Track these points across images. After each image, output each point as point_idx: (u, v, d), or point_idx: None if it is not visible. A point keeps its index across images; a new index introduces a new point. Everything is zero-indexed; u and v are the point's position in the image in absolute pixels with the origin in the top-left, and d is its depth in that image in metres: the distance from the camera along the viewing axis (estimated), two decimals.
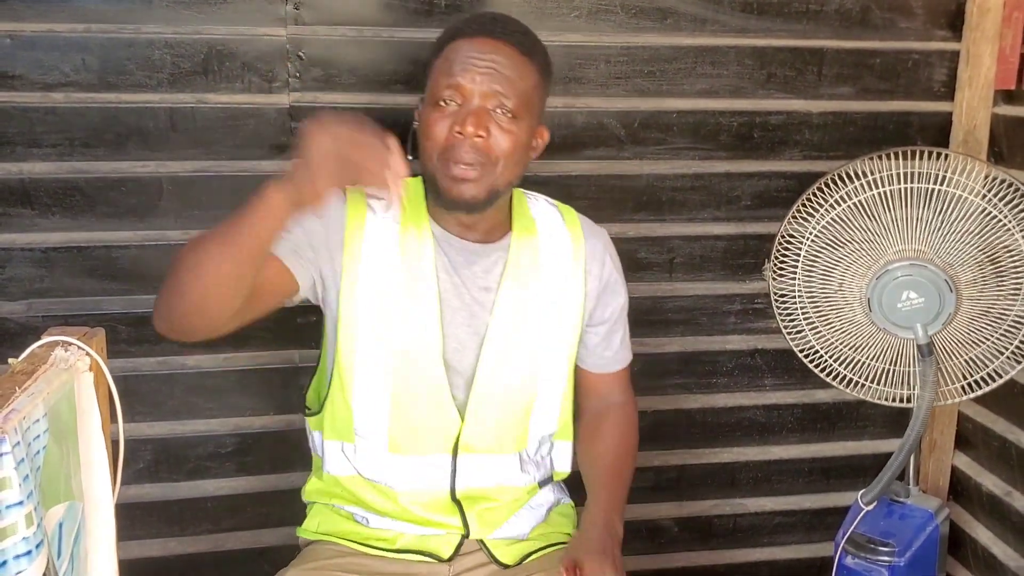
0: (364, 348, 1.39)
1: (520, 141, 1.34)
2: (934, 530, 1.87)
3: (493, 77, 1.31)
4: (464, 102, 1.31)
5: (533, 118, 1.37)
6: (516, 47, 1.34)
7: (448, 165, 1.31)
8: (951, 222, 1.71)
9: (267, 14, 1.73)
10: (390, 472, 1.43)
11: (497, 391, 1.43)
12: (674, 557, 2.13)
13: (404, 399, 1.40)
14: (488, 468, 1.45)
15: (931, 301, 1.72)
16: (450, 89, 1.31)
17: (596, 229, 1.54)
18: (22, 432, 0.76)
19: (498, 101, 1.31)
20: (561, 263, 1.47)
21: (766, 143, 1.96)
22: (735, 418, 2.09)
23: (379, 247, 1.38)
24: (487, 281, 1.42)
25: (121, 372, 1.76)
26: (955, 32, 1.96)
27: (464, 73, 1.31)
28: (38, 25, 1.66)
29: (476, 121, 1.30)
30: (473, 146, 1.30)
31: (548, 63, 1.42)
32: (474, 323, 1.42)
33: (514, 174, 1.37)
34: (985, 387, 1.77)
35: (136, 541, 1.86)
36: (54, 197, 1.73)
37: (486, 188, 1.33)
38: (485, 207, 1.36)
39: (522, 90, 1.33)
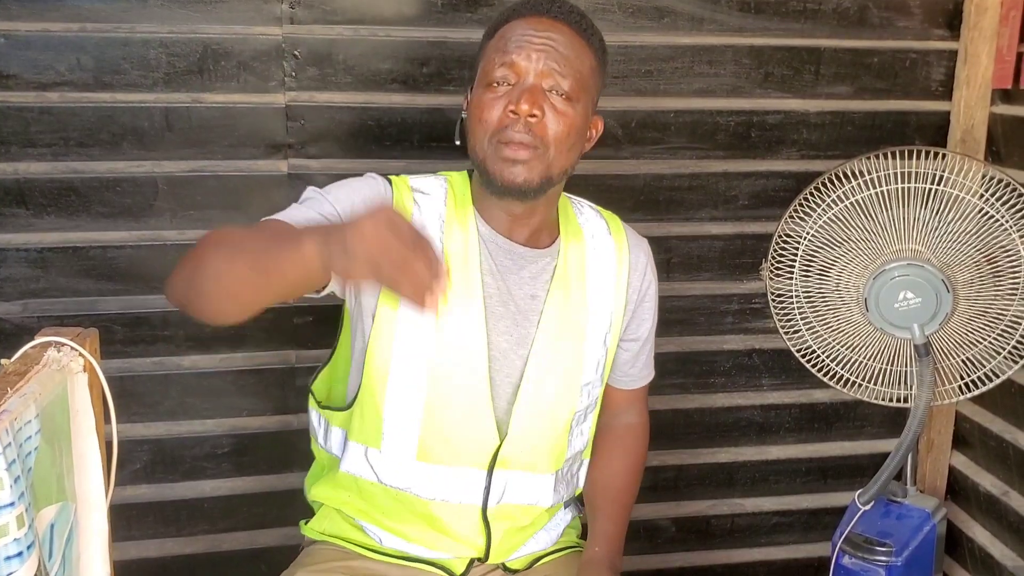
0: (400, 351, 1.31)
1: (575, 125, 1.26)
2: (931, 530, 1.86)
3: (549, 54, 1.24)
4: (518, 81, 1.24)
5: (589, 103, 1.30)
6: (573, 27, 1.28)
7: (500, 147, 1.24)
8: (948, 222, 1.70)
9: (263, 13, 1.72)
10: (416, 480, 1.35)
11: (542, 407, 1.37)
12: (671, 557, 2.13)
13: (439, 407, 1.32)
14: (524, 486, 1.39)
15: (928, 301, 1.71)
16: (504, 67, 1.25)
17: (639, 240, 1.48)
18: (13, 433, 0.75)
19: (554, 80, 1.24)
20: (605, 273, 1.41)
21: (763, 143, 1.96)
22: (733, 418, 2.09)
23: None
24: (534, 288, 1.35)
25: (117, 372, 1.77)
26: (953, 31, 1.96)
27: (519, 50, 1.24)
28: (33, 24, 1.65)
29: (531, 99, 1.22)
30: (527, 126, 1.23)
31: (604, 49, 1.35)
32: (516, 332, 1.35)
33: (568, 161, 1.29)
34: (983, 387, 1.77)
35: (133, 542, 1.86)
36: (49, 197, 1.72)
37: (539, 173, 1.25)
38: (538, 194, 1.28)
39: (579, 71, 1.26)
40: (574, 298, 1.38)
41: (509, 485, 1.38)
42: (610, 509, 1.47)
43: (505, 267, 1.34)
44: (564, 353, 1.38)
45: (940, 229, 1.71)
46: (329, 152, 1.80)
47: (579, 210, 1.44)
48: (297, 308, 1.84)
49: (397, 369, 1.32)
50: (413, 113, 1.81)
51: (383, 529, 1.40)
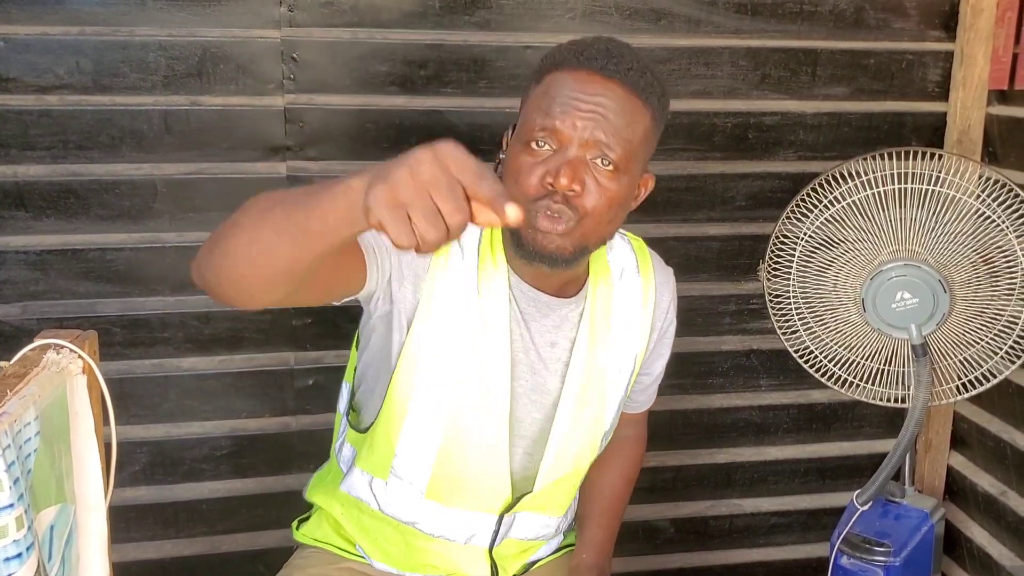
0: (422, 390, 1.25)
1: (619, 197, 1.15)
2: (929, 530, 1.87)
3: (597, 123, 1.12)
4: (560, 148, 1.13)
5: (638, 170, 1.18)
6: (630, 87, 1.14)
7: (535, 216, 1.13)
8: (945, 223, 1.71)
9: (261, 16, 1.73)
10: (422, 517, 1.32)
11: (566, 461, 1.32)
12: (670, 558, 2.13)
13: (456, 450, 1.27)
14: (534, 525, 1.38)
15: (925, 301, 1.72)
16: (545, 132, 1.13)
17: (666, 276, 1.40)
18: (13, 435, 0.76)
19: (599, 151, 1.12)
20: (632, 313, 1.34)
21: (760, 144, 1.96)
22: (731, 419, 2.09)
23: (458, 283, 1.22)
24: (556, 337, 1.28)
25: (116, 374, 1.77)
26: (949, 32, 1.96)
27: (564, 116, 1.12)
28: (32, 28, 1.66)
29: (571, 173, 1.10)
30: (565, 200, 1.12)
31: (665, 105, 1.21)
32: (533, 379, 1.29)
33: (608, 232, 1.20)
34: (980, 387, 1.78)
35: (132, 543, 1.86)
36: (48, 199, 1.73)
37: (573, 244, 1.15)
38: (571, 264, 1.19)
39: (628, 139, 1.13)
40: (601, 347, 1.31)
41: (518, 524, 1.36)
42: (601, 517, 1.46)
43: (529, 315, 1.27)
44: (591, 404, 1.32)
45: (936, 230, 1.72)
46: (328, 154, 1.80)
47: (609, 244, 1.33)
48: (295, 311, 1.84)
49: (416, 408, 1.25)
50: (411, 115, 1.81)
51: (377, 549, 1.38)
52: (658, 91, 1.18)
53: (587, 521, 1.46)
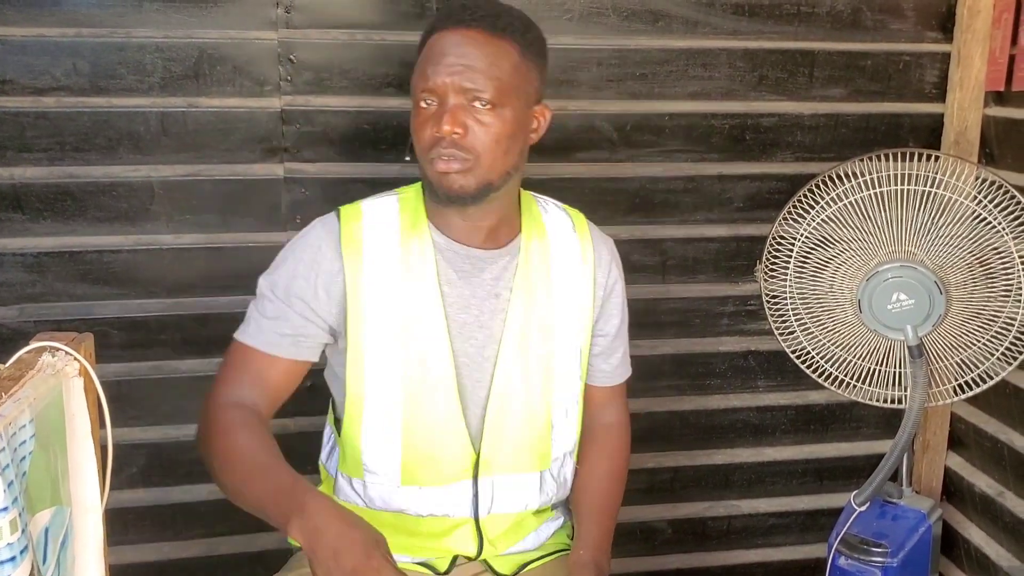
0: (373, 385, 1.34)
1: (504, 131, 1.28)
2: (927, 531, 1.87)
3: (463, 72, 1.26)
4: (440, 102, 1.28)
5: (520, 102, 1.30)
6: (487, 30, 1.28)
7: (434, 162, 1.28)
8: (940, 224, 1.71)
9: (258, 17, 1.73)
10: (405, 503, 1.37)
11: (515, 407, 1.37)
12: (668, 559, 2.13)
13: (417, 429, 1.34)
14: (511, 489, 1.40)
15: (921, 303, 1.72)
16: (425, 92, 1.29)
17: (604, 237, 1.49)
18: (7, 438, 0.76)
19: (472, 95, 1.26)
20: (571, 268, 1.42)
21: (758, 145, 1.96)
22: (728, 420, 2.09)
23: (380, 276, 1.33)
24: (496, 288, 1.37)
25: (114, 377, 1.77)
26: (946, 34, 1.97)
27: (435, 74, 1.27)
28: (28, 30, 1.66)
29: (451, 119, 1.26)
30: (452, 143, 1.27)
31: (530, 39, 1.33)
32: (482, 334, 1.36)
33: (507, 163, 1.31)
34: (977, 388, 1.78)
35: (130, 546, 1.86)
36: (45, 202, 1.73)
37: (475, 180, 1.28)
38: (480, 199, 1.30)
39: (497, 77, 1.27)
40: (540, 294, 1.38)
41: (497, 490, 1.39)
42: (594, 513, 1.46)
43: (465, 272, 1.35)
44: (535, 350, 1.38)
45: (932, 231, 1.72)
46: (325, 156, 1.80)
47: (544, 208, 1.46)
48: None
49: (372, 402, 1.34)
50: (408, 117, 1.80)
51: None
52: (520, 27, 1.32)
53: (582, 518, 1.47)
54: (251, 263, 1.80)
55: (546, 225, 1.43)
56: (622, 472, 1.54)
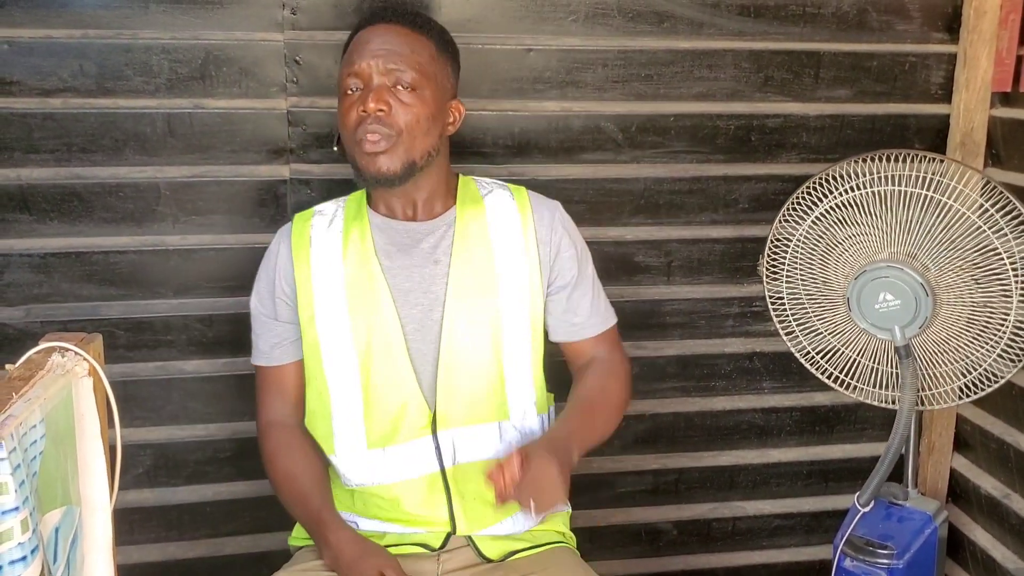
0: (330, 359, 1.46)
1: (425, 112, 1.41)
2: (933, 533, 1.87)
3: (387, 55, 1.40)
4: (366, 85, 1.40)
5: (437, 90, 1.44)
6: (407, 25, 1.44)
7: (360, 144, 1.39)
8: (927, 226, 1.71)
9: (264, 19, 1.73)
10: (377, 470, 1.45)
11: (465, 362, 1.45)
12: (673, 560, 2.13)
13: (376, 394, 1.44)
14: (471, 439, 1.46)
15: (907, 303, 1.72)
16: (351, 76, 1.41)
17: (546, 201, 1.55)
18: (18, 438, 0.76)
19: (395, 77, 1.40)
20: (511, 232, 1.49)
21: (763, 146, 1.96)
22: (733, 421, 2.09)
23: (325, 261, 1.46)
24: (436, 255, 1.46)
25: (120, 377, 1.77)
26: (952, 34, 1.96)
27: (361, 58, 1.40)
28: (36, 31, 1.66)
29: (376, 96, 1.38)
30: (377, 120, 1.38)
31: (446, 39, 1.50)
32: (426, 298, 1.45)
33: (427, 143, 1.42)
34: (981, 391, 1.76)
35: (135, 546, 1.86)
36: (52, 203, 1.73)
37: (400, 160, 1.40)
38: (406, 178, 1.42)
39: (417, 63, 1.41)
40: (479, 256, 1.47)
41: (457, 443, 1.45)
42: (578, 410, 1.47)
43: (404, 244, 1.46)
44: (479, 308, 1.45)
45: (917, 232, 1.72)
46: (330, 157, 1.79)
47: (482, 185, 1.55)
48: None
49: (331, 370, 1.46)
50: None
51: (359, 515, 1.49)
52: (436, 27, 1.50)
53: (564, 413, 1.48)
54: (257, 264, 1.80)
55: (483, 198, 1.52)
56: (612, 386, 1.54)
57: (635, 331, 1.96)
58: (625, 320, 1.68)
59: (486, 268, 1.46)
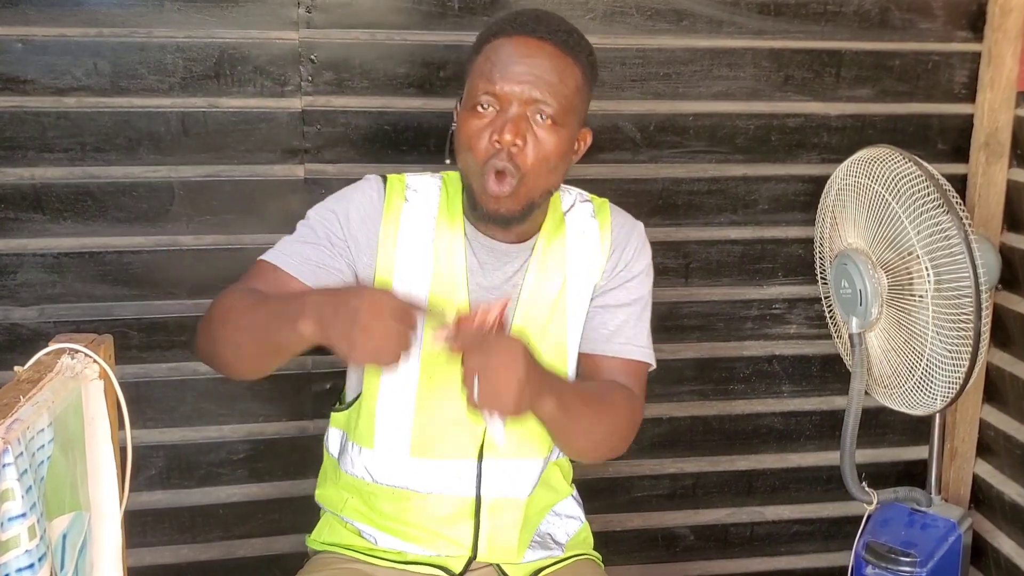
0: None
1: (559, 149, 1.27)
2: (956, 540, 1.84)
3: (533, 83, 1.24)
4: (502, 108, 1.25)
5: (575, 123, 1.30)
6: (559, 47, 1.27)
7: (485, 179, 1.26)
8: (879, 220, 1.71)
9: (279, 18, 1.72)
10: (411, 477, 1.39)
11: None
12: (690, 566, 2.11)
13: (430, 403, 1.36)
14: (512, 472, 1.41)
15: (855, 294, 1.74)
16: (488, 95, 1.25)
17: (629, 220, 1.46)
18: (26, 442, 0.74)
19: (537, 108, 1.25)
20: (588, 249, 1.41)
21: (783, 146, 1.93)
22: (752, 425, 2.06)
23: (413, 246, 1.36)
24: (514, 280, 1.39)
25: (133, 378, 1.76)
26: (976, 33, 1.93)
27: (503, 79, 1.24)
28: (50, 30, 1.65)
29: (514, 129, 1.23)
30: (509, 156, 1.24)
31: (593, 63, 1.34)
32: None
33: (550, 182, 1.31)
34: (950, 397, 1.70)
35: (148, 548, 1.85)
36: (66, 202, 1.72)
37: (520, 203, 1.28)
38: (522, 220, 1.32)
39: (563, 95, 1.26)
40: (553, 276, 1.39)
41: (499, 474, 1.39)
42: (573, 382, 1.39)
43: (488, 264, 1.37)
44: (546, 334, 1.39)
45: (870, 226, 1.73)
46: (345, 157, 1.79)
47: (566, 199, 1.45)
48: None
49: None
50: (429, 117, 1.79)
51: (379, 529, 1.42)
52: (586, 50, 1.32)
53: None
54: None
55: (566, 218, 1.43)
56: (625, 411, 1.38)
57: (653, 333, 1.92)
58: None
59: (557, 301, 1.39)
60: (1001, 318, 1.95)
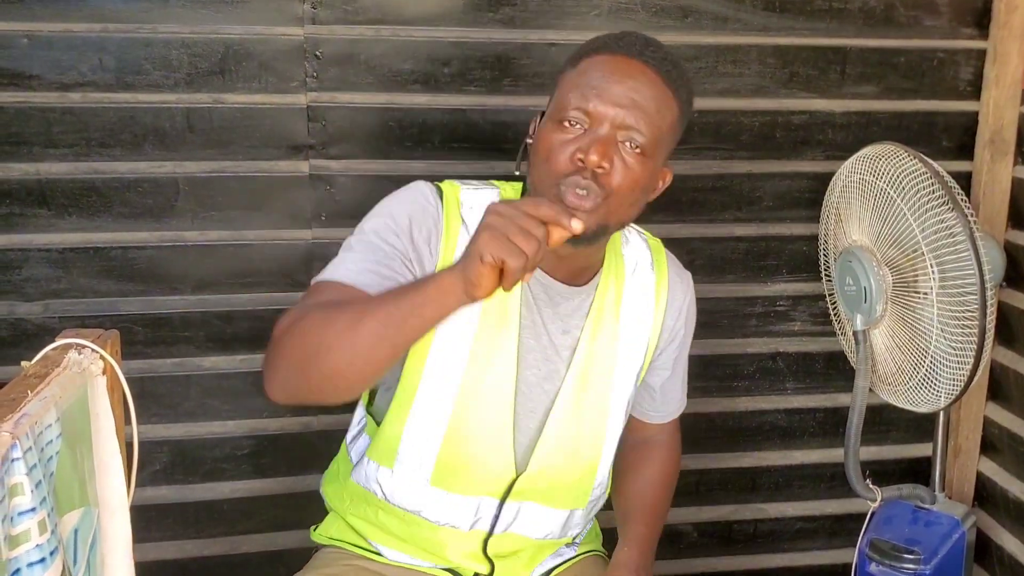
0: (431, 378, 1.28)
1: (642, 181, 1.18)
2: (960, 537, 1.83)
3: (631, 109, 1.16)
4: (592, 127, 1.16)
5: (661, 158, 1.22)
6: (662, 76, 1.19)
7: (565, 192, 1.15)
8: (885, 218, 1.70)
9: (284, 13, 1.72)
10: (426, 504, 1.34)
11: (566, 444, 1.33)
12: (693, 563, 2.11)
13: (461, 435, 1.29)
14: (536, 519, 1.37)
15: (859, 292, 1.73)
16: (579, 111, 1.16)
17: (682, 276, 1.42)
18: (34, 437, 0.74)
19: (629, 134, 1.16)
20: (642, 310, 1.36)
21: (788, 143, 1.93)
22: (756, 422, 2.06)
23: None
24: (567, 325, 1.31)
25: (138, 373, 1.76)
26: (982, 30, 1.93)
27: (599, 97, 1.16)
28: (55, 25, 1.65)
29: (602, 151, 1.14)
30: (594, 177, 1.15)
31: (690, 102, 1.26)
32: (545, 367, 1.31)
33: (628, 215, 1.23)
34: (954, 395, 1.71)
35: (151, 543, 1.86)
36: (71, 197, 1.72)
37: (596, 222, 1.17)
38: (591, 242, 1.21)
39: (658, 126, 1.18)
40: (607, 337, 1.33)
41: (520, 515, 1.36)
42: (644, 514, 1.44)
43: (541, 300, 1.29)
44: (594, 391, 1.34)
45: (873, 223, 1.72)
46: (350, 153, 1.79)
47: (626, 238, 1.38)
48: None
49: (425, 391, 1.28)
50: (435, 114, 1.79)
51: (384, 545, 1.40)
52: (687, 87, 1.24)
53: (629, 519, 1.45)
54: (276, 260, 1.80)
55: (624, 259, 1.36)
56: (672, 481, 1.52)
57: None
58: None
59: (609, 349, 1.33)
60: (1005, 315, 1.95)
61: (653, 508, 1.46)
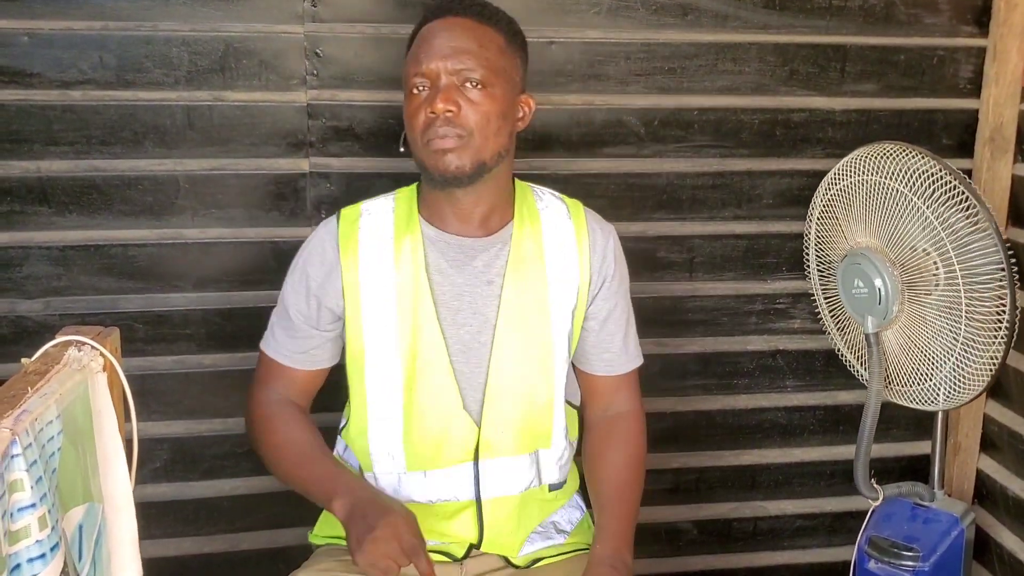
0: (372, 373, 1.40)
1: (495, 109, 1.33)
2: (959, 535, 1.83)
3: (454, 53, 1.32)
4: (433, 85, 1.33)
5: (507, 85, 1.36)
6: (475, 18, 1.36)
7: (428, 143, 1.32)
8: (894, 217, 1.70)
9: (285, 11, 1.72)
10: (412, 489, 1.41)
11: (513, 388, 1.40)
12: (692, 560, 2.11)
13: (417, 414, 1.39)
14: (509, 470, 1.42)
15: (872, 293, 1.73)
16: (418, 76, 1.34)
17: (602, 224, 1.49)
18: (35, 434, 0.75)
19: (463, 76, 1.32)
20: (565, 250, 1.44)
21: (788, 141, 1.93)
22: (756, 420, 2.06)
23: (374, 261, 1.40)
24: (489, 274, 1.40)
25: (138, 371, 1.76)
26: (982, 28, 1.93)
27: (428, 57, 1.33)
28: (56, 23, 1.66)
29: (444, 97, 1.31)
30: (446, 121, 1.31)
31: (514, 30, 1.42)
32: (476, 320, 1.40)
33: (498, 144, 1.36)
34: (964, 396, 1.73)
35: (151, 540, 1.85)
36: (71, 195, 1.72)
37: (470, 159, 1.33)
38: (474, 179, 1.35)
39: (486, 58, 1.33)
40: (533, 277, 1.41)
41: (497, 471, 1.41)
42: (613, 505, 1.44)
43: (457, 261, 1.39)
44: (530, 333, 1.41)
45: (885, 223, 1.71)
46: (350, 151, 1.79)
47: (539, 196, 1.48)
48: None
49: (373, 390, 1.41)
50: None
51: None
52: (504, 18, 1.41)
53: (601, 511, 1.45)
54: (276, 258, 1.80)
55: (540, 212, 1.45)
56: (639, 460, 1.51)
57: (657, 328, 1.94)
58: (647, 317, 1.66)
59: (539, 291, 1.41)
60: None
61: (622, 496, 1.45)
